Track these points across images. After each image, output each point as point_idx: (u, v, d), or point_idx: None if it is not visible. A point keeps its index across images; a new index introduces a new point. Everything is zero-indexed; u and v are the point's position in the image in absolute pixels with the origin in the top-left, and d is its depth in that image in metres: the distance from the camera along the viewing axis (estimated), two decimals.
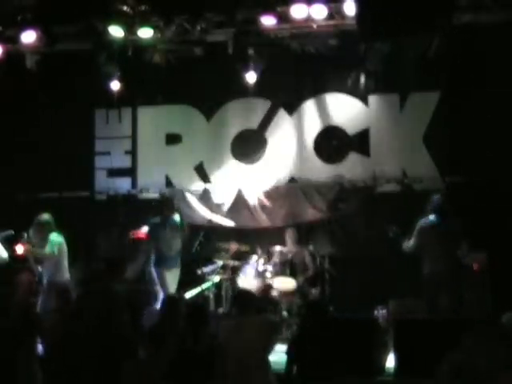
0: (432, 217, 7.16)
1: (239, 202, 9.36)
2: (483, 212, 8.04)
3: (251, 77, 8.78)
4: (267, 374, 4.98)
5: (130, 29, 8.60)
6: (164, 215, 8.27)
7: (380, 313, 7.49)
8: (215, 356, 4.56)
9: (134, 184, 9.82)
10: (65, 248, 7.92)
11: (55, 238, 7.84)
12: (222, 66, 9.00)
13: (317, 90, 9.28)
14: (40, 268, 7.85)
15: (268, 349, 5.04)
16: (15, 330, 4.78)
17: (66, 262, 7.89)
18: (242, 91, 9.16)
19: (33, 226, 7.88)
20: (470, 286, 7.31)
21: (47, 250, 7.74)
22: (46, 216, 7.92)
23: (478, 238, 7.45)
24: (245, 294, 5.61)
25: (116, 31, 8.54)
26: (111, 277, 8.26)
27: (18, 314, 5.02)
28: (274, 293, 8.21)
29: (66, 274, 7.84)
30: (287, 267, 8.41)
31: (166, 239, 8.12)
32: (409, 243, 7.18)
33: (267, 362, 5.03)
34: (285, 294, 8.15)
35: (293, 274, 8.36)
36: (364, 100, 9.21)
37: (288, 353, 5.12)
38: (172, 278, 8.09)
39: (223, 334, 4.98)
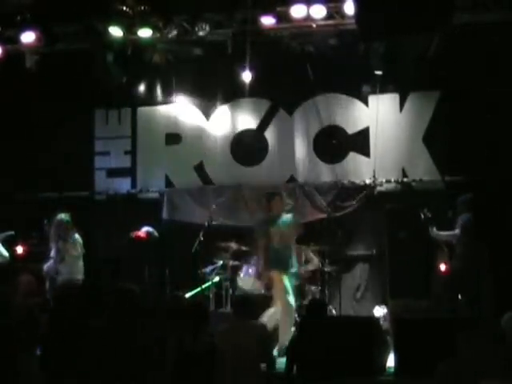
0: (469, 215, 7.31)
1: (239, 202, 9.36)
2: (483, 211, 8.02)
3: (250, 77, 8.78)
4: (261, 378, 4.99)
5: (130, 29, 8.62)
6: (274, 212, 7.74)
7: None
8: (216, 355, 4.53)
9: (133, 184, 9.82)
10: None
11: (78, 237, 7.88)
12: (221, 66, 9.00)
13: (316, 89, 9.26)
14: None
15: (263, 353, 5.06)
16: (15, 330, 4.77)
17: (81, 262, 7.93)
18: (242, 91, 9.16)
19: (56, 225, 7.87)
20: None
21: (79, 251, 7.83)
22: (67, 216, 7.93)
23: (478, 238, 7.45)
24: (244, 300, 5.57)
25: (116, 31, 8.54)
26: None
27: (18, 314, 5.01)
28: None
29: (81, 274, 7.86)
30: None
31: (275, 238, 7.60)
32: (445, 233, 7.33)
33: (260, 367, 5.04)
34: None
35: None
36: (364, 100, 9.21)
37: (288, 352, 5.11)
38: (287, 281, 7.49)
39: (218, 337, 5.00)
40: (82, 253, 7.93)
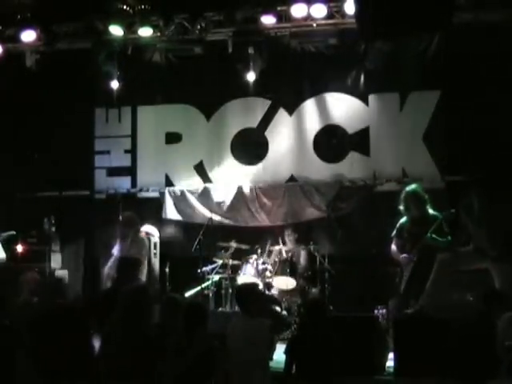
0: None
1: (239, 201, 9.36)
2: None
3: (251, 76, 8.79)
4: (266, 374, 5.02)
5: (130, 28, 8.64)
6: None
7: (380, 312, 7.48)
8: (215, 357, 4.49)
9: (133, 183, 9.81)
10: None
11: (144, 238, 7.83)
12: (221, 65, 9.01)
13: (317, 89, 9.27)
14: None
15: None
16: (16, 328, 4.77)
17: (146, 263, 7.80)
18: (242, 90, 9.17)
19: (124, 224, 7.81)
20: None
21: (146, 251, 7.72)
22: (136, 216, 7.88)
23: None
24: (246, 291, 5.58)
25: (116, 30, 8.55)
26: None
27: (21, 313, 5.00)
28: (274, 292, 8.23)
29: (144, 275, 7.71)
30: (287, 266, 8.40)
31: None
32: None
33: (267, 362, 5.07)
34: (285, 293, 8.15)
35: (292, 273, 8.36)
36: (364, 99, 9.20)
37: (287, 352, 5.11)
38: None
39: (229, 332, 5.13)
40: (147, 254, 7.79)
